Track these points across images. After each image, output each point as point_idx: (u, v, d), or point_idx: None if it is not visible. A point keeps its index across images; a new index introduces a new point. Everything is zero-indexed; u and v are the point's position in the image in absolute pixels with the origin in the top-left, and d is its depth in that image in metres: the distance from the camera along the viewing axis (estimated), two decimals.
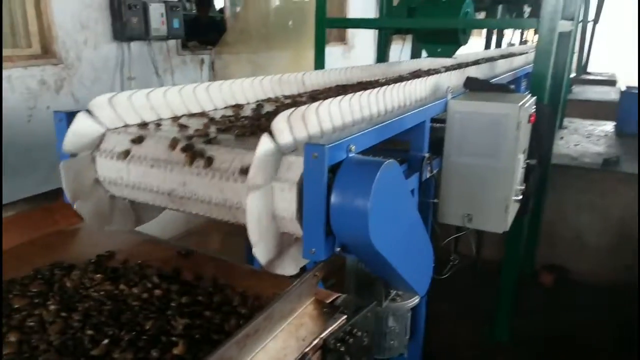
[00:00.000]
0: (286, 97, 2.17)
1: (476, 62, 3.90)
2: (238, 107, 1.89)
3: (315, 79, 2.48)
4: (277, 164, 1.21)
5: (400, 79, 2.96)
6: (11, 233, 1.57)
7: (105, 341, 1.08)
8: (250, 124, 1.56)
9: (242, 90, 1.98)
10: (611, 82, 9.16)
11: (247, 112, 1.81)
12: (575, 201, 4.15)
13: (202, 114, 1.74)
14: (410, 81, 1.97)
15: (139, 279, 1.34)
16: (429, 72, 3.23)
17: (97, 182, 1.51)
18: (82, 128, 1.45)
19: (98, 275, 1.35)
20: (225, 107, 1.88)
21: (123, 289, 1.29)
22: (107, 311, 1.19)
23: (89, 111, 1.46)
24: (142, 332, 1.11)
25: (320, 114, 1.35)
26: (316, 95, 2.20)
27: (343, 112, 1.46)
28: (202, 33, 5.28)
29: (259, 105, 1.93)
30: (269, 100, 2.08)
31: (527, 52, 5.09)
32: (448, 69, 3.39)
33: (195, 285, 1.34)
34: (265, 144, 1.18)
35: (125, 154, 1.43)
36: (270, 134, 1.20)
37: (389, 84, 1.77)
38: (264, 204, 1.19)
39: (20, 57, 3.35)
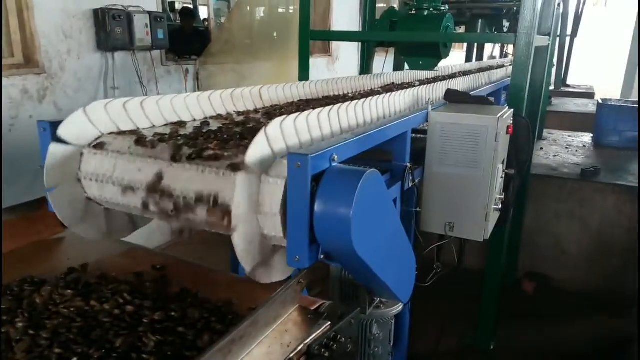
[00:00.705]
0: (239, 113, 1.98)
1: (452, 76, 3.84)
2: (179, 124, 1.67)
3: (274, 94, 2.28)
4: (258, 186, 1.24)
5: (370, 93, 2.80)
6: None
7: (74, 359, 1.05)
8: (184, 143, 1.41)
9: (186, 106, 1.77)
10: (589, 95, 9.40)
11: (188, 130, 1.60)
12: (555, 210, 4.24)
13: (133, 132, 1.53)
14: (393, 93, 2.02)
15: (111, 295, 1.31)
16: (402, 86, 3.07)
17: (89, 201, 1.51)
18: (57, 155, 1.44)
19: (69, 291, 1.32)
20: (165, 125, 1.66)
21: (94, 305, 1.26)
22: (76, 328, 1.17)
23: (60, 139, 1.44)
24: (112, 350, 1.09)
25: (298, 126, 1.38)
26: (273, 112, 2.02)
27: (322, 124, 1.50)
28: (187, 44, 5.30)
29: (204, 122, 1.71)
30: (218, 117, 1.87)
31: (504, 66, 5.21)
32: (422, 82, 3.34)
33: (171, 299, 1.31)
34: (261, 138, 1.22)
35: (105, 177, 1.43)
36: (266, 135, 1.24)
37: (356, 99, 1.72)
38: (249, 228, 1.21)
39: (3, 66, 3.33)
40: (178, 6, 9.36)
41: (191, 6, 9.00)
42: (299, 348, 1.12)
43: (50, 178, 1.43)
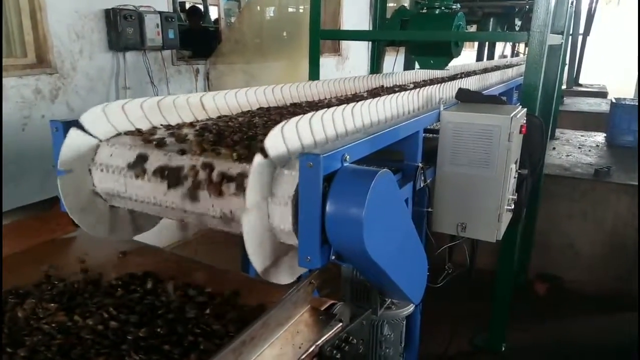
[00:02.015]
0: (168, 127, 1.64)
1: (452, 78, 3.58)
2: None
3: (222, 103, 1.88)
4: (272, 178, 1.22)
5: (353, 98, 2.48)
6: (6, 241, 1.57)
7: None
8: None
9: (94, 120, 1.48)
10: (602, 94, 9.29)
11: None
12: (567, 211, 4.19)
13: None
14: (404, 92, 2.00)
15: (96, 309, 1.24)
16: (393, 90, 2.84)
17: (95, 194, 1.52)
18: (75, 142, 1.45)
19: (52, 305, 1.26)
20: None
21: (77, 320, 1.20)
22: (56, 346, 1.11)
23: (80, 125, 1.46)
24: None
25: (313, 125, 1.37)
26: (212, 126, 1.63)
27: (336, 122, 1.48)
28: (198, 43, 5.31)
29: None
30: (135, 132, 1.55)
31: (512, 65, 5.14)
32: (417, 85, 3.17)
33: (160, 314, 1.24)
34: (257, 161, 1.18)
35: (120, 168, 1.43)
36: (263, 150, 1.21)
37: (333, 105, 1.59)
38: (260, 218, 1.20)
39: (16, 66, 3.36)
40: (189, 6, 9.39)
41: (200, 6, 9.02)
42: (311, 349, 1.11)
43: (63, 161, 1.43)
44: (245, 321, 1.16)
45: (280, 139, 1.25)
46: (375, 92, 2.77)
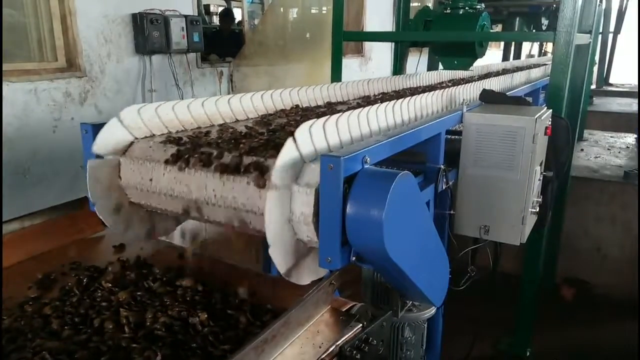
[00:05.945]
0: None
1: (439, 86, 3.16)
2: None
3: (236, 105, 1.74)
4: (298, 171, 1.23)
5: (339, 109, 2.14)
6: (38, 240, 1.62)
7: None
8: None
9: None
10: (633, 94, 9.02)
11: None
12: (596, 214, 4.09)
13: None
14: (427, 94, 1.99)
15: (32, 355, 1.11)
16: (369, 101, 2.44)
17: (119, 187, 1.54)
18: (113, 133, 1.48)
19: None
20: None
21: None
22: None
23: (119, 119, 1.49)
24: None
25: (339, 126, 1.37)
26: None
27: (362, 125, 1.49)
28: (222, 46, 5.39)
29: None
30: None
31: (529, 68, 4.96)
32: (424, 89, 2.95)
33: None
34: (289, 148, 1.19)
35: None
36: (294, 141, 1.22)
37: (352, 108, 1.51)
38: (282, 208, 1.21)
39: (47, 70, 3.47)
40: (213, 9, 9.51)
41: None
42: (331, 349, 1.12)
43: (93, 193, 1.46)
44: None
45: (309, 138, 1.25)
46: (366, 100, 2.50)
